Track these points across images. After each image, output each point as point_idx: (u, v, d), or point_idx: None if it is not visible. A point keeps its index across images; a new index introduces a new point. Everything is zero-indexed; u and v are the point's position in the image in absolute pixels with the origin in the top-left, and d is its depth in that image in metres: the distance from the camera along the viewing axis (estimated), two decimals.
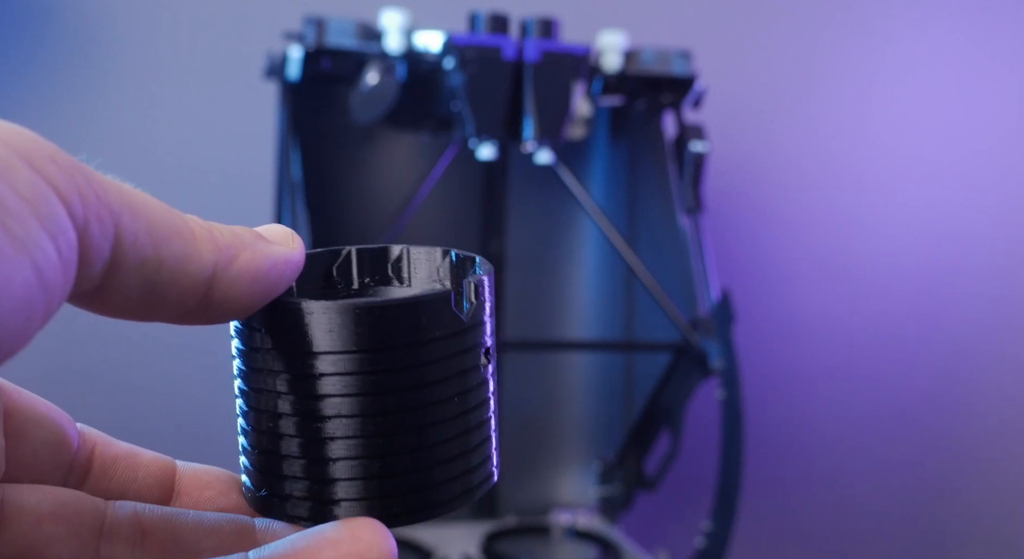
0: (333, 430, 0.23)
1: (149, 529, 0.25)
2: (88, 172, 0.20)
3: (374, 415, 0.23)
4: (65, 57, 0.91)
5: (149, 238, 0.21)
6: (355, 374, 0.23)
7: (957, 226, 1.13)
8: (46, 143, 0.20)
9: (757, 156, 1.08)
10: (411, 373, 0.23)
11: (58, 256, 0.19)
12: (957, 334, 1.14)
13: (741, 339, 0.81)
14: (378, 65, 0.75)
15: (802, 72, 1.08)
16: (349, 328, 0.23)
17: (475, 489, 0.25)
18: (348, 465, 0.23)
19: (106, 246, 0.20)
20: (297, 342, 0.23)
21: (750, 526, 0.98)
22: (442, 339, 0.24)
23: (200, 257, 0.22)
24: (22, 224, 0.18)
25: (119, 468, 0.26)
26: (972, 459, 1.16)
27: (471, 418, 0.25)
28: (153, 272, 0.21)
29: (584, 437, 0.98)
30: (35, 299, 0.18)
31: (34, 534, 0.23)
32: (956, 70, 1.11)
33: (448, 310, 0.24)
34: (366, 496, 0.23)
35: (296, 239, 0.25)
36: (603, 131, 0.94)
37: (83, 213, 0.19)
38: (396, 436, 0.23)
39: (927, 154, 1.12)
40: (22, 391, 0.25)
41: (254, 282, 0.23)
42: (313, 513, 0.24)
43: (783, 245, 1.09)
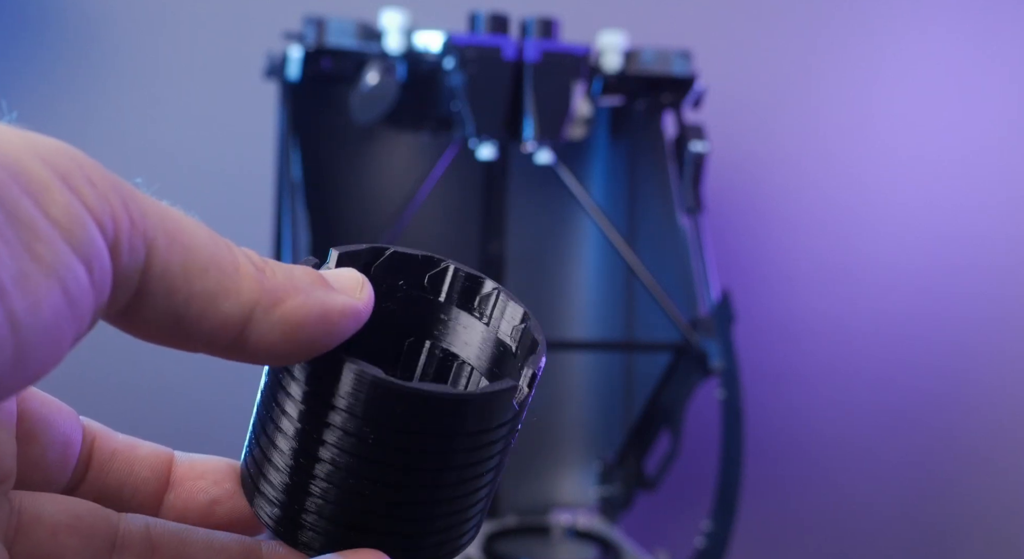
0: (359, 488, 0.22)
1: (158, 544, 0.25)
2: (128, 195, 0.19)
3: (401, 487, 0.23)
4: (65, 57, 0.91)
5: (182, 269, 0.20)
6: (393, 449, 0.22)
7: (957, 226, 1.13)
8: (86, 161, 0.19)
9: (757, 156, 1.08)
10: (450, 456, 0.23)
11: (89, 281, 0.18)
12: (957, 334, 1.14)
13: (741, 339, 0.81)
14: (378, 65, 0.75)
15: (802, 72, 1.08)
16: (401, 409, 0.22)
17: (466, 544, 0.25)
18: (363, 520, 0.23)
19: (135, 273, 0.19)
20: (330, 394, 0.22)
21: (750, 526, 0.98)
22: (490, 430, 0.23)
23: (237, 295, 0.21)
24: (52, 249, 0.18)
25: (117, 462, 0.26)
26: (972, 459, 1.16)
27: (486, 491, 0.24)
28: (181, 305, 0.20)
29: (584, 437, 0.98)
30: (64, 324, 0.18)
31: (49, 545, 0.23)
32: (956, 70, 1.11)
33: (505, 406, 0.23)
34: (378, 547, 0.23)
35: (365, 289, 0.23)
36: (603, 131, 0.94)
37: (115, 237, 0.19)
38: (407, 506, 0.23)
39: (927, 154, 1.12)
40: (34, 392, 0.24)
41: (295, 331, 0.21)
42: (324, 548, 0.23)
43: (783, 245, 1.09)
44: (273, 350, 0.21)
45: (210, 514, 0.26)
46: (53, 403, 0.25)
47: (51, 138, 0.19)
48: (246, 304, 0.21)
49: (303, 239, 0.75)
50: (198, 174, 0.95)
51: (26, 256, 0.17)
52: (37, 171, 0.18)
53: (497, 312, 0.26)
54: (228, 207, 0.94)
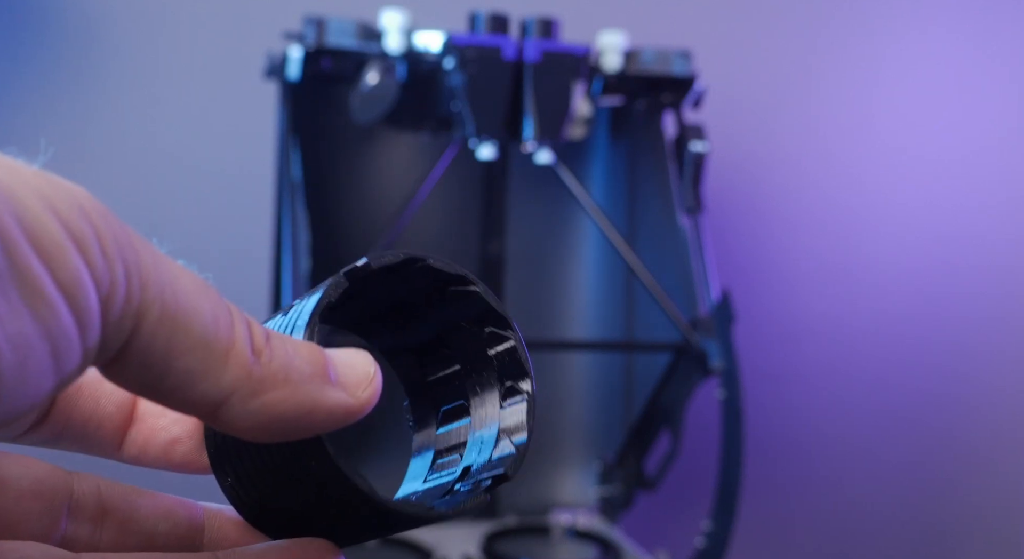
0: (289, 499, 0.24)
1: (109, 507, 0.25)
2: (133, 262, 0.19)
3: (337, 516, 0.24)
4: (65, 57, 0.91)
5: (165, 347, 0.19)
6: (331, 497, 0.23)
7: (957, 226, 1.13)
8: (100, 220, 0.19)
9: (757, 156, 1.08)
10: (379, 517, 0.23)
11: (80, 344, 0.18)
12: (957, 334, 1.14)
13: (741, 339, 0.81)
14: (378, 65, 0.75)
15: (802, 72, 1.08)
16: (348, 494, 0.22)
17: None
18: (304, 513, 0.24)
19: (117, 343, 0.19)
20: (303, 456, 0.22)
21: (750, 526, 0.98)
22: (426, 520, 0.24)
23: (217, 380, 0.20)
24: (54, 313, 0.18)
25: (83, 395, 0.26)
26: (972, 459, 1.16)
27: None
28: (156, 379, 0.20)
29: (584, 437, 0.98)
30: (46, 380, 0.18)
31: (15, 509, 0.23)
32: (956, 70, 1.11)
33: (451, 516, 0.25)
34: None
35: (371, 387, 0.22)
36: (603, 131, 0.94)
37: (107, 307, 0.19)
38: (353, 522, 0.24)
39: (927, 154, 1.12)
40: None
41: (271, 423, 0.21)
42: (280, 534, 0.25)
43: (783, 245, 1.09)
44: (244, 432, 0.21)
45: (169, 452, 0.26)
46: None
47: (73, 186, 0.19)
48: (224, 390, 0.20)
49: (303, 239, 0.75)
50: (198, 174, 0.95)
51: (27, 315, 0.17)
52: (52, 233, 0.18)
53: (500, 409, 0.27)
54: (228, 207, 0.94)
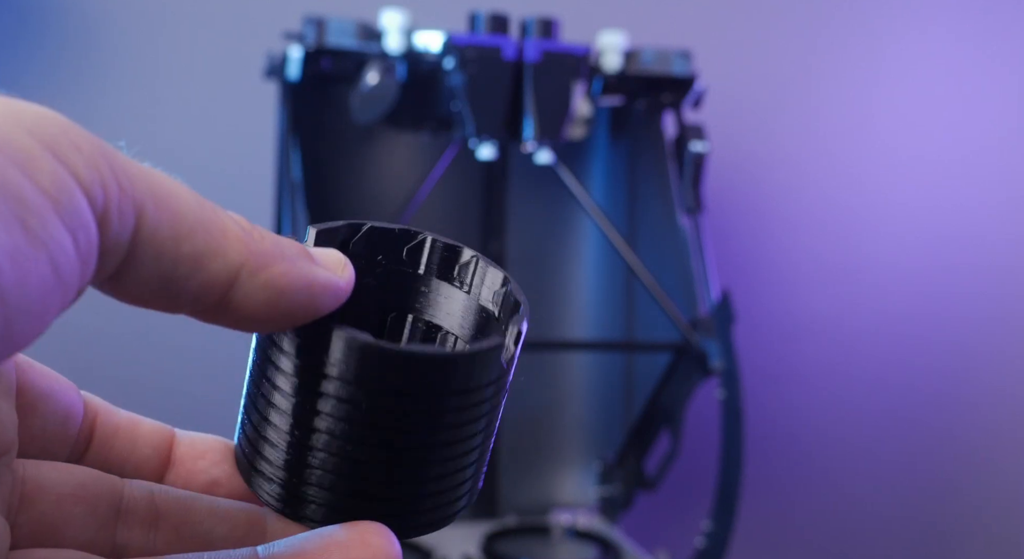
0: (358, 456, 0.23)
1: (163, 511, 0.24)
2: (114, 159, 0.19)
3: (389, 449, 0.23)
4: (65, 57, 0.91)
5: (171, 232, 0.20)
6: (387, 413, 0.22)
7: (957, 226, 1.13)
8: (71, 127, 0.19)
9: (757, 156, 1.08)
10: (441, 418, 0.23)
11: (76, 251, 0.18)
12: (957, 334, 1.14)
13: (741, 339, 0.81)
14: (378, 65, 0.75)
15: (802, 72, 1.08)
16: (393, 372, 0.22)
17: (456, 513, 0.25)
18: (363, 488, 0.23)
19: (124, 239, 0.19)
20: (318, 362, 0.22)
21: (750, 526, 0.98)
22: (477, 390, 0.23)
23: (224, 256, 0.21)
24: (42, 220, 0.18)
25: (119, 438, 0.26)
26: (972, 459, 1.16)
27: (472, 456, 0.24)
28: (169, 268, 0.20)
29: (584, 437, 0.98)
30: (51, 294, 0.18)
31: (54, 513, 0.23)
32: (956, 70, 1.11)
33: (493, 364, 0.23)
34: (377, 515, 0.23)
35: (347, 268, 0.23)
36: (603, 131, 0.94)
37: (104, 205, 0.19)
38: (415, 469, 0.23)
39: (927, 154, 1.12)
40: (33, 364, 0.24)
41: (279, 297, 0.21)
42: (325, 519, 0.23)
43: (783, 245, 1.09)
44: (255, 314, 0.22)
45: (210, 494, 0.26)
46: (52, 375, 0.25)
47: (35, 105, 0.19)
48: (232, 266, 0.21)
49: (303, 239, 0.75)
50: (198, 174, 0.94)
51: (17, 228, 0.17)
52: (22, 140, 0.18)
53: (477, 279, 0.26)
54: (228, 207, 0.94)
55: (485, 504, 0.94)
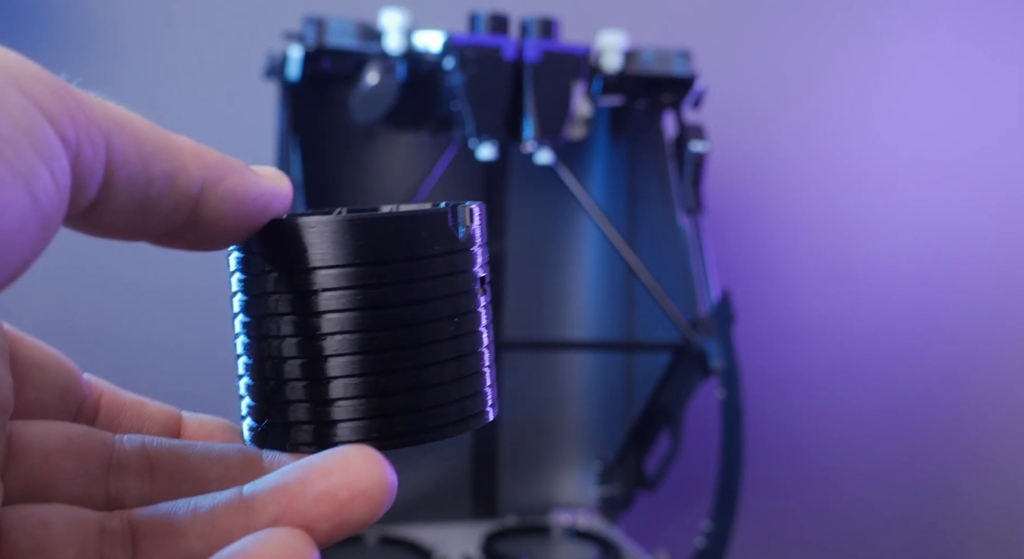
0: (330, 348, 0.23)
1: (157, 461, 0.25)
2: (75, 92, 0.20)
3: (370, 330, 0.23)
4: (65, 57, 0.91)
5: (138, 155, 0.21)
6: (352, 288, 0.23)
7: (957, 226, 1.13)
8: (32, 65, 0.20)
9: (757, 156, 1.08)
10: (407, 289, 0.24)
11: (53, 181, 0.19)
12: (957, 334, 1.14)
13: (741, 339, 0.81)
14: (378, 65, 0.75)
15: (802, 72, 1.08)
16: (347, 240, 0.23)
17: (470, 419, 0.25)
18: (345, 383, 0.23)
19: (99, 166, 0.20)
20: (295, 259, 0.23)
21: (750, 526, 0.98)
22: (438, 256, 0.24)
23: (188, 173, 0.22)
24: (16, 151, 0.18)
25: (125, 418, 0.26)
26: (972, 459, 1.16)
27: (466, 342, 0.25)
28: (143, 188, 0.21)
29: (584, 437, 0.98)
30: (31, 226, 0.18)
31: (43, 468, 0.23)
32: (956, 70, 1.11)
33: (444, 228, 0.24)
34: (363, 416, 0.23)
35: (284, 179, 0.25)
36: (603, 131, 0.94)
37: (75, 135, 0.19)
38: (392, 353, 0.24)
39: (927, 154, 1.12)
40: (26, 336, 0.25)
41: (241, 204, 0.23)
42: (314, 438, 0.24)
43: (783, 245, 1.09)
44: (222, 223, 0.23)
45: None
46: (47, 351, 0.25)
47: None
48: (196, 180, 0.22)
49: None
50: None
51: None
52: None
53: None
54: None
55: (485, 504, 0.94)
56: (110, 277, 0.92)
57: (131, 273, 0.92)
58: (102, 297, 0.92)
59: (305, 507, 0.22)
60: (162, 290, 0.93)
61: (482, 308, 0.26)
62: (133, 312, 0.94)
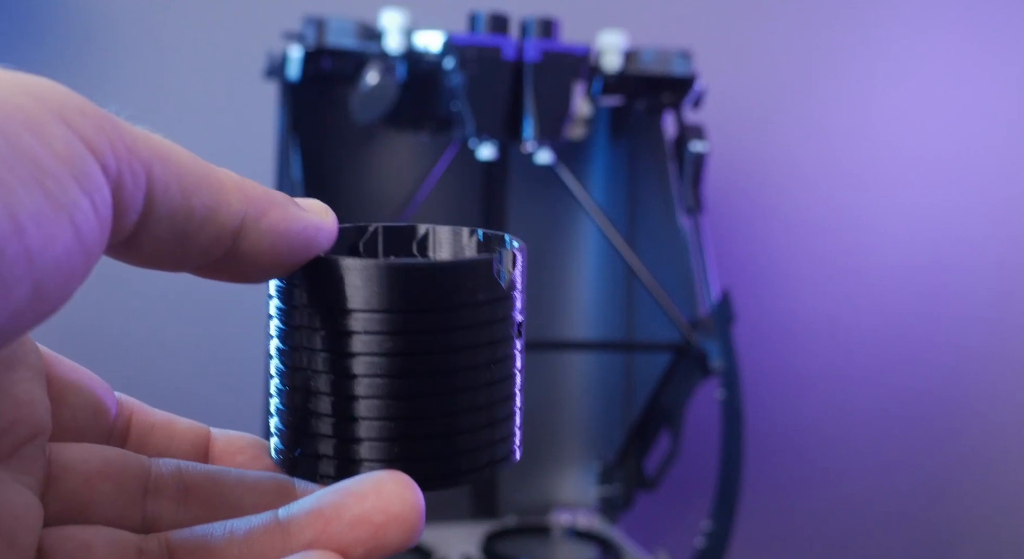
0: (363, 389, 0.23)
1: (192, 486, 0.25)
2: (117, 123, 0.20)
3: (405, 376, 0.23)
4: (65, 57, 0.91)
5: (179, 187, 0.21)
6: (390, 334, 0.23)
7: (957, 226, 1.13)
8: (75, 96, 0.20)
9: (757, 156, 1.08)
10: (446, 337, 0.23)
11: (95, 214, 0.19)
12: (957, 334, 1.14)
13: (741, 339, 0.81)
14: (378, 65, 0.75)
15: (802, 72, 1.08)
16: (389, 287, 0.23)
17: (498, 463, 0.25)
18: (376, 425, 0.23)
19: (139, 198, 0.20)
20: (334, 299, 0.23)
21: (750, 526, 0.98)
22: (478, 305, 0.24)
23: (229, 207, 0.22)
24: (60, 185, 0.18)
25: (155, 435, 0.26)
26: (972, 459, 1.16)
27: (499, 389, 0.25)
28: (183, 221, 0.21)
29: (584, 437, 0.98)
30: (75, 258, 0.18)
31: (82, 491, 0.24)
32: (956, 70, 1.11)
33: (488, 277, 0.24)
34: (392, 458, 0.23)
35: (330, 213, 0.25)
36: (603, 131, 0.94)
37: (116, 167, 0.19)
38: (425, 398, 0.23)
39: (927, 154, 1.12)
40: (61, 358, 0.25)
41: (282, 239, 0.23)
42: (339, 473, 0.24)
43: (783, 245, 1.09)
44: (260, 259, 0.23)
45: None
46: (81, 370, 0.25)
47: (37, 76, 0.20)
48: (236, 214, 0.22)
49: None
50: None
51: (37, 192, 0.17)
52: (32, 108, 0.18)
53: (439, 246, 0.28)
54: None
55: (485, 504, 0.94)
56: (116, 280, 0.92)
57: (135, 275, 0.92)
58: (108, 300, 0.92)
59: (340, 531, 0.22)
60: (166, 292, 0.93)
61: (517, 352, 0.25)
62: (138, 315, 0.94)
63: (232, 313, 0.94)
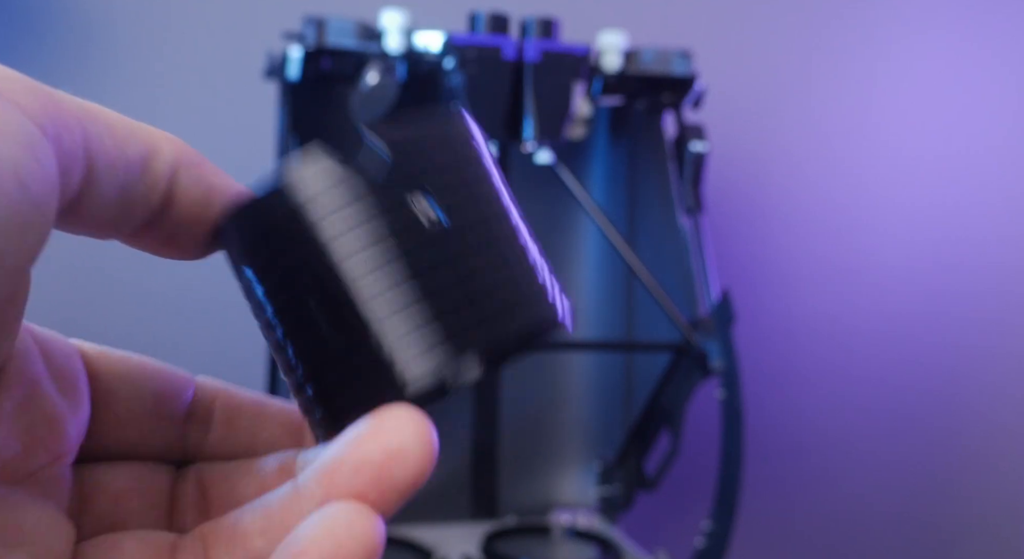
0: (373, 287, 0.21)
1: (208, 484, 0.25)
2: (44, 87, 0.21)
3: (410, 253, 0.22)
4: (65, 57, 0.91)
5: (112, 140, 0.21)
6: (380, 214, 0.22)
7: (958, 226, 1.13)
8: (3, 67, 0.20)
9: (757, 156, 1.08)
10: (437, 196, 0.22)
11: (40, 169, 0.19)
12: (958, 334, 1.14)
13: (741, 339, 0.81)
14: (378, 65, 0.75)
15: (802, 72, 1.08)
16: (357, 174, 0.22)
17: (545, 322, 0.23)
18: (407, 313, 0.21)
19: (79, 154, 0.20)
20: (300, 225, 0.22)
21: (750, 526, 0.98)
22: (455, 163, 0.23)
23: (162, 153, 0.22)
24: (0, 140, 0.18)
25: (242, 419, 0.26)
26: (972, 459, 1.16)
27: (508, 245, 0.24)
28: (123, 172, 0.21)
29: (584, 437, 0.98)
30: (25, 212, 0.18)
31: (113, 510, 0.24)
32: (956, 70, 1.11)
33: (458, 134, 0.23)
34: (437, 341, 0.22)
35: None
36: (603, 131, 0.94)
37: (52, 127, 0.20)
38: (439, 269, 0.22)
39: (927, 154, 1.12)
40: (107, 351, 0.25)
41: (210, 192, 0.23)
42: (379, 394, 0.22)
43: (783, 245, 1.09)
44: (194, 210, 0.23)
45: None
46: (132, 360, 0.25)
47: None
48: (169, 161, 0.22)
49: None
50: None
51: None
52: None
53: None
54: None
55: (485, 504, 0.94)
56: (106, 275, 0.92)
57: (127, 271, 0.92)
58: (99, 296, 0.92)
59: (346, 479, 0.21)
60: (165, 289, 0.93)
61: (503, 191, 0.24)
62: (132, 310, 0.94)
63: (232, 314, 0.94)
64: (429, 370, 0.21)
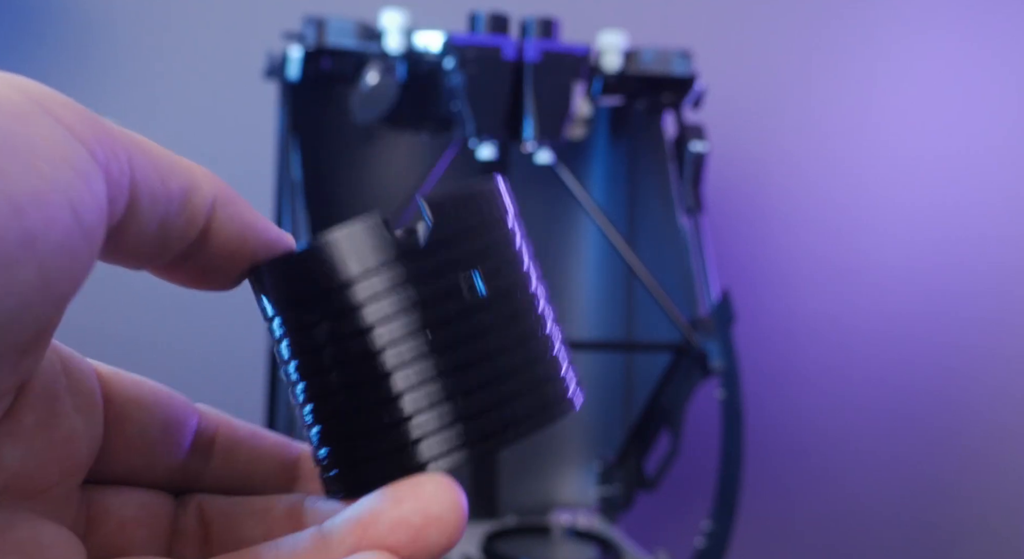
0: (404, 379, 0.22)
1: (210, 518, 0.25)
2: (94, 115, 0.21)
3: (437, 344, 0.22)
4: (65, 57, 0.91)
5: (156, 172, 0.21)
6: (408, 307, 0.22)
7: (958, 226, 1.13)
8: (52, 91, 0.20)
9: (757, 156, 1.08)
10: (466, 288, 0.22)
11: (91, 197, 0.19)
12: (958, 334, 1.14)
13: (741, 339, 0.81)
14: (378, 65, 0.75)
15: (802, 72, 1.08)
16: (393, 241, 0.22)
17: (553, 406, 0.24)
18: (418, 398, 0.22)
19: (125, 183, 0.20)
20: (333, 280, 0.22)
21: (750, 526, 0.98)
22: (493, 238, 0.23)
23: (201, 189, 0.22)
24: (55, 168, 0.18)
25: (241, 452, 0.26)
26: (973, 459, 1.16)
27: (534, 331, 0.24)
28: (164, 204, 0.21)
29: (584, 437, 0.98)
30: (77, 241, 0.18)
31: (118, 537, 0.24)
32: (956, 70, 1.11)
33: (490, 207, 0.23)
34: (443, 427, 0.22)
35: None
36: (603, 131, 0.94)
37: (102, 154, 0.20)
38: (461, 354, 0.22)
39: (927, 154, 1.12)
40: (122, 374, 0.25)
41: (249, 229, 0.23)
42: (403, 465, 0.22)
43: (783, 245, 1.09)
44: (229, 246, 0.23)
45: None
46: (145, 385, 0.25)
47: (20, 76, 0.20)
48: (208, 196, 0.22)
49: (303, 239, 0.75)
50: None
51: (34, 176, 0.18)
52: (19, 100, 0.19)
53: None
54: None
55: (485, 504, 0.94)
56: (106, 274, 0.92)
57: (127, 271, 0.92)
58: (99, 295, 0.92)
59: (380, 535, 0.21)
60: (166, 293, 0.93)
61: (533, 276, 0.24)
62: (137, 316, 0.94)
63: (232, 314, 0.94)
64: (448, 450, 0.23)
